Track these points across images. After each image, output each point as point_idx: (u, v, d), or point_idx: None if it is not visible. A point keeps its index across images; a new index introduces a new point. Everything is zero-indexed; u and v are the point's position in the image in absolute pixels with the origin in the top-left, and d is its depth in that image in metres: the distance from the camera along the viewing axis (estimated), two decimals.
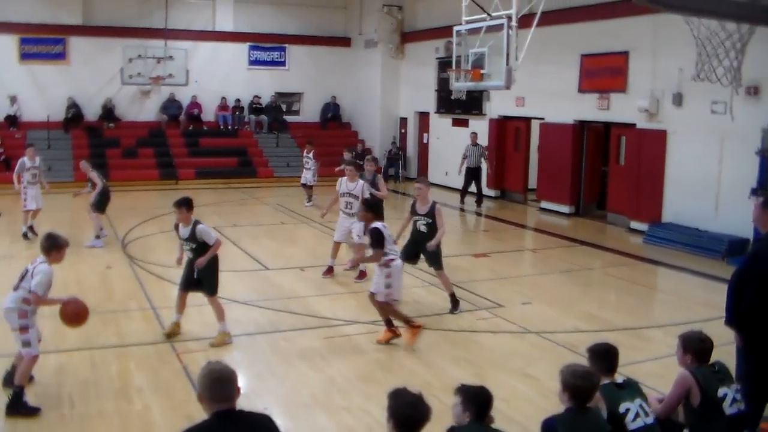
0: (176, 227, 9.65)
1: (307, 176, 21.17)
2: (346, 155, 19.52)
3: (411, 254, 11.27)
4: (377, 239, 9.44)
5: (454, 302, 11.18)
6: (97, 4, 27.17)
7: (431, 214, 11.03)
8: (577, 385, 4.99)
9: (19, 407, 7.30)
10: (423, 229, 11.12)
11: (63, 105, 26.54)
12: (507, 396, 7.75)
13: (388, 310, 9.55)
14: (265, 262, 14.12)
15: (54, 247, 7.66)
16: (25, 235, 15.90)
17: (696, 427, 5.69)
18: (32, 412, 7.35)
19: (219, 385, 4.15)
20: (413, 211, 11.27)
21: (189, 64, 27.36)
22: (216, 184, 25.08)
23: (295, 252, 13.79)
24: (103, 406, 7.57)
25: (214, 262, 9.57)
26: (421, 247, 11.11)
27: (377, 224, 9.61)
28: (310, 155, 21.15)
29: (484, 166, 22.66)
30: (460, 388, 4.96)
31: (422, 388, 6.04)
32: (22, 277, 7.55)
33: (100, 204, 15.70)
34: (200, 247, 9.42)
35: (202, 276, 9.57)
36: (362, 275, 12.76)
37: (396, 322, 9.62)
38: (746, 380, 6.49)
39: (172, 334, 9.76)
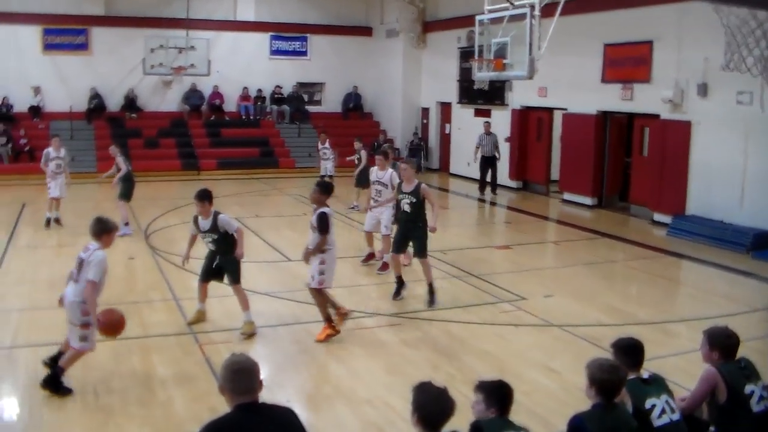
0: (195, 220, 9.65)
1: (327, 166, 20.83)
2: (357, 145, 19.55)
3: (400, 243, 11.21)
4: (323, 224, 9.27)
5: (432, 293, 11.02)
6: None
7: (416, 193, 10.93)
8: (605, 380, 4.95)
9: (55, 384, 7.48)
10: (407, 208, 11.00)
11: (85, 95, 26.67)
12: (529, 390, 7.71)
13: (320, 298, 9.43)
14: (287, 253, 14.11)
15: (104, 231, 7.75)
16: (47, 223, 16.09)
17: (722, 425, 5.62)
18: (65, 392, 7.49)
19: (240, 377, 4.15)
20: (399, 190, 11.24)
21: (211, 54, 27.47)
22: (238, 175, 25.13)
23: None
24: (126, 397, 7.61)
25: (235, 251, 9.58)
26: (412, 233, 11.04)
27: (326, 209, 9.44)
28: (327, 145, 20.97)
29: (498, 154, 22.87)
30: (480, 384, 4.93)
31: (445, 381, 6.02)
32: (79, 267, 7.56)
33: (126, 191, 15.83)
34: (221, 237, 9.43)
35: (224, 265, 9.60)
36: (384, 267, 12.75)
37: (331, 311, 9.55)
38: None
39: (197, 321, 9.87)
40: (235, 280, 9.66)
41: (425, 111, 29.25)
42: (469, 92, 25.10)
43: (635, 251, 15.39)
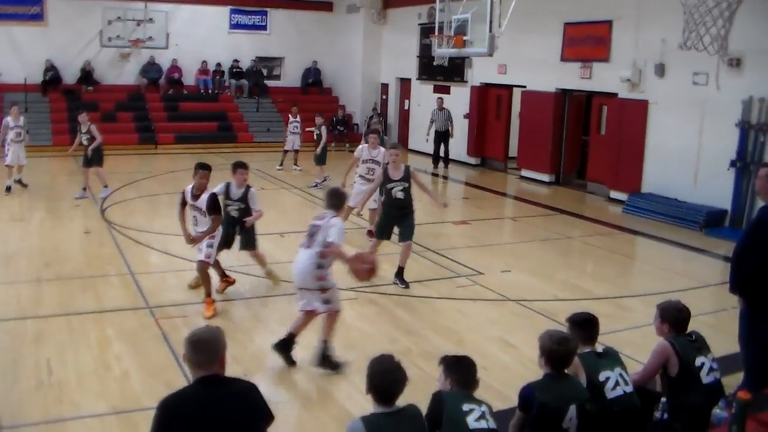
0: (227, 186, 10.28)
1: (296, 141, 21.22)
2: (318, 120, 19.64)
3: (386, 230, 11.16)
4: (214, 205, 9.51)
5: (402, 275, 10.97)
6: None
7: (407, 178, 10.85)
8: (553, 350, 5.06)
9: (330, 363, 7.72)
10: (400, 195, 10.84)
11: (41, 67, 26.05)
12: (486, 364, 7.77)
13: (206, 274, 9.53)
14: None
15: (343, 201, 8.08)
16: (7, 189, 16.41)
17: (673, 396, 5.73)
18: (336, 366, 7.72)
19: (199, 349, 4.16)
20: (388, 178, 10.91)
21: (169, 27, 27.14)
22: (196, 149, 24.81)
23: (274, 217, 13.73)
24: (82, 372, 7.53)
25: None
26: (403, 221, 10.95)
27: (216, 189, 9.84)
28: (298, 119, 21.13)
29: (451, 129, 23.32)
30: (441, 358, 5.00)
31: (402, 355, 6.06)
32: (312, 235, 7.68)
33: (99, 157, 16.34)
34: (245, 208, 10.18)
35: (245, 234, 10.37)
36: (371, 234, 12.78)
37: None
38: (748, 344, 6.64)
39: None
40: (254, 246, 10.52)
41: (385, 87, 29.18)
42: (428, 69, 25.07)
43: (592, 228, 15.56)
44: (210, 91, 28.61)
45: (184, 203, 9.77)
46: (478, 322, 9.54)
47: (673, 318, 5.92)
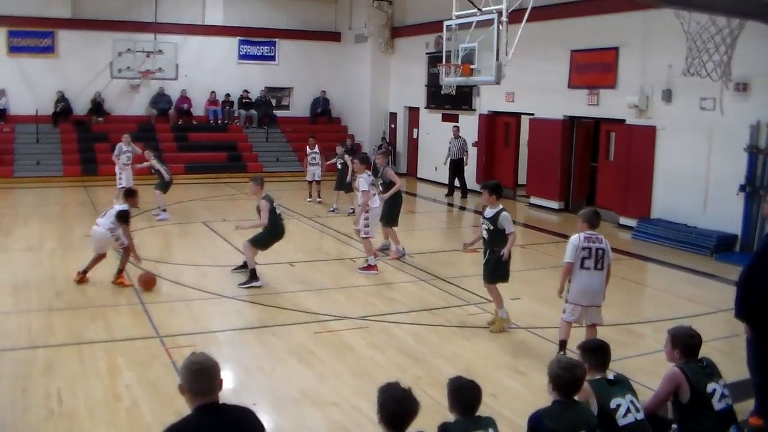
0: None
1: (316, 172, 21.02)
2: (339, 150, 19.65)
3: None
4: (126, 219, 11.62)
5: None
6: None
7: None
8: (560, 376, 5.04)
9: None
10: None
11: (52, 99, 26.34)
12: (495, 391, 7.76)
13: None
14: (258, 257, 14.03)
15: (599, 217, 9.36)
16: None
17: (685, 423, 5.70)
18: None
19: (199, 377, 4.11)
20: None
21: (179, 58, 27.32)
22: (206, 179, 25.01)
23: (284, 247, 13.77)
24: (92, 401, 7.52)
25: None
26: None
27: (124, 206, 11.81)
28: (316, 150, 21.05)
29: (466, 158, 23.21)
30: (448, 382, 4.99)
31: (412, 383, 6.04)
32: (600, 258, 8.90)
33: (166, 187, 18.28)
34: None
35: None
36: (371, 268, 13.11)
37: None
38: (758, 370, 6.62)
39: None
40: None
41: (393, 116, 29.29)
42: (436, 97, 25.17)
43: None
44: (219, 122, 28.80)
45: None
46: (488, 349, 9.51)
47: (684, 344, 5.89)
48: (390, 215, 14.22)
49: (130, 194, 12.44)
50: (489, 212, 10.20)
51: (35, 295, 11.27)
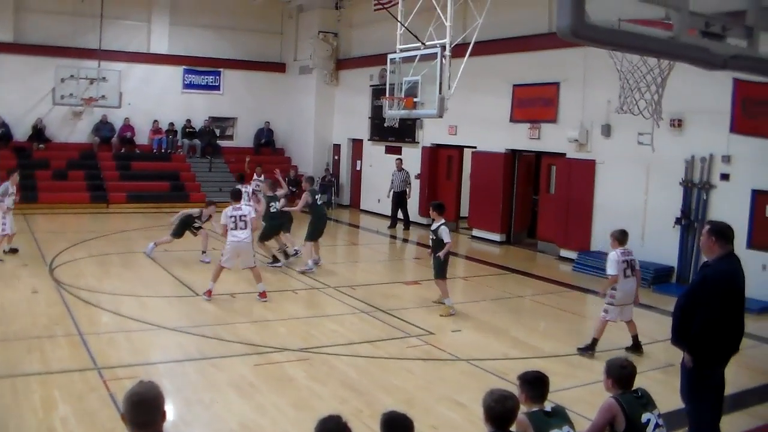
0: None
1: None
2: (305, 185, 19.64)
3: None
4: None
5: None
6: (30, 21, 26.65)
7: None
8: (492, 407, 5.06)
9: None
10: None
11: None
12: (436, 423, 7.79)
13: None
14: (196, 288, 13.92)
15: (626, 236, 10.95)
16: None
17: None
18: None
19: (138, 408, 4.01)
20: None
21: (122, 86, 27.12)
22: (148, 209, 24.73)
23: (225, 278, 13.69)
24: None
25: None
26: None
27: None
28: (262, 178, 20.80)
29: (409, 190, 23.32)
30: (381, 416, 4.97)
31: (353, 415, 6.05)
32: (633, 267, 10.85)
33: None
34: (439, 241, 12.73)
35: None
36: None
37: None
38: (692, 399, 6.76)
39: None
40: None
41: (337, 147, 29.39)
42: (380, 129, 25.30)
43: (542, 286, 15.71)
44: (163, 151, 28.54)
45: None
46: (429, 381, 9.54)
47: (617, 374, 5.99)
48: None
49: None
50: (434, 225, 12.90)
51: None
